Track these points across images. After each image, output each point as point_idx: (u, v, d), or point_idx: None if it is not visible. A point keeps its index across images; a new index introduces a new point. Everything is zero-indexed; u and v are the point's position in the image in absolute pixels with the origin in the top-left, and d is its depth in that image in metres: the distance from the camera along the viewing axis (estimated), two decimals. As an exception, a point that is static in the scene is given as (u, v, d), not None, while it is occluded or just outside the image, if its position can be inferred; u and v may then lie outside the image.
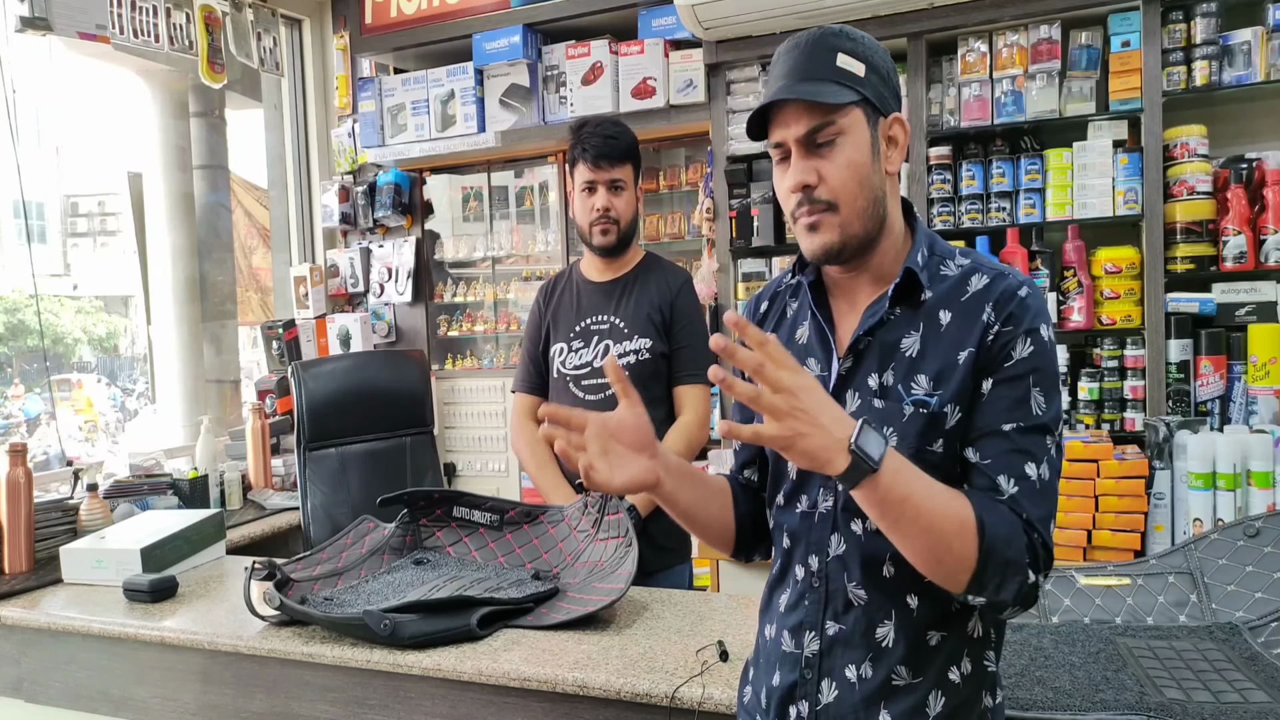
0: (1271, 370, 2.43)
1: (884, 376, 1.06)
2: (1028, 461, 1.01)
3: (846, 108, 1.04)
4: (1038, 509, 0.99)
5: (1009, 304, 1.03)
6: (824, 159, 1.05)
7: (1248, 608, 1.59)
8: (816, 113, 1.04)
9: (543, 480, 2.19)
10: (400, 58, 3.75)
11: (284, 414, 3.23)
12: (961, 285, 1.07)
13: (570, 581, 1.81)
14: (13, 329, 18.24)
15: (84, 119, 31.00)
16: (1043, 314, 1.04)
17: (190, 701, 1.78)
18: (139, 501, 2.57)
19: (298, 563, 1.82)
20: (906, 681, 1.05)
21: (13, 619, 1.94)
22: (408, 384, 2.82)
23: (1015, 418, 1.01)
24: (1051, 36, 2.64)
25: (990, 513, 0.97)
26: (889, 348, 1.07)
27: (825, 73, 1.05)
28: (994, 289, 1.05)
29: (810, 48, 1.06)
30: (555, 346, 2.22)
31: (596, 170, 2.10)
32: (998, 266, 1.08)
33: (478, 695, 1.54)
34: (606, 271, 2.22)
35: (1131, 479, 2.34)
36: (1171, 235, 2.56)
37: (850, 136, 1.05)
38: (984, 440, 1.02)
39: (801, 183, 1.06)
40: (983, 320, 1.03)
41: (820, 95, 1.03)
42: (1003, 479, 1.00)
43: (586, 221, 2.14)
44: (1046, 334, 1.04)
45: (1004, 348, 1.02)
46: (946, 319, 1.06)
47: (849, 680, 1.06)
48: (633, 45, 3.16)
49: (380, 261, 3.77)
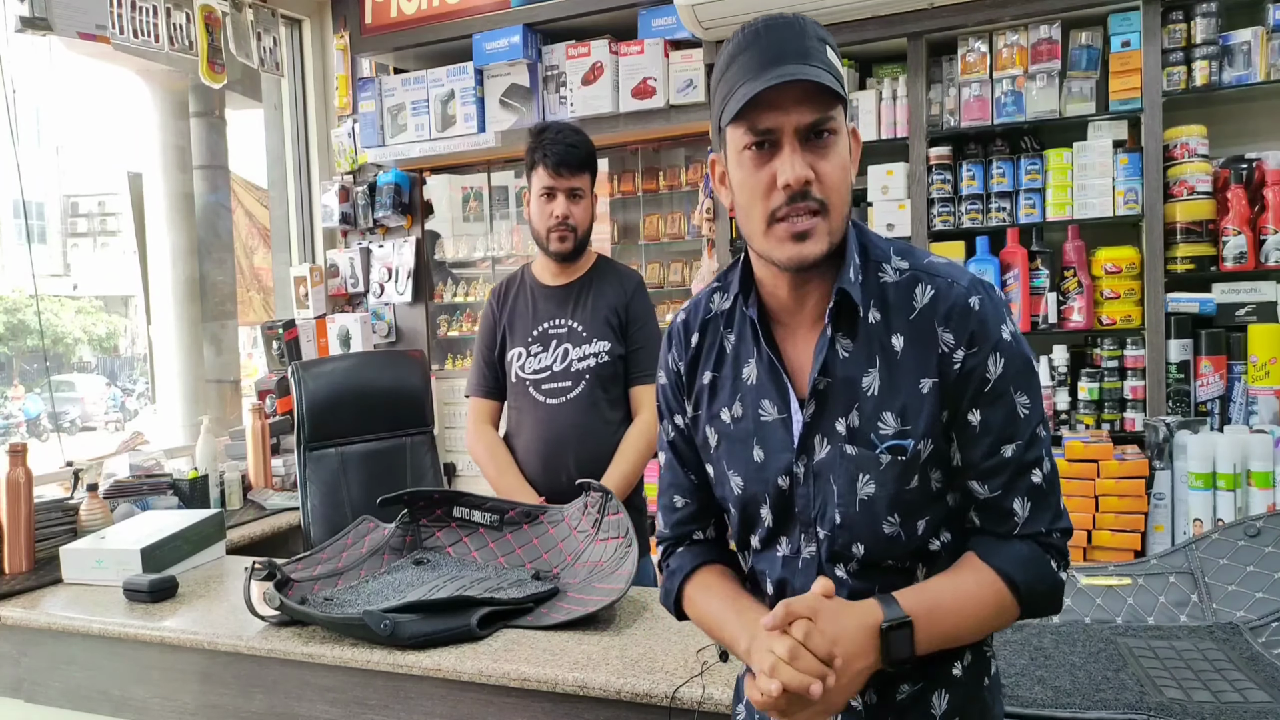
0: (1271, 370, 2.43)
1: (849, 419, 1.00)
2: (1033, 471, 1.00)
3: (839, 104, 0.97)
4: (1050, 511, 1.00)
5: (965, 322, 0.97)
6: (821, 156, 0.96)
7: (1248, 608, 1.59)
8: (819, 102, 0.95)
9: (503, 485, 2.18)
10: (400, 58, 3.75)
11: (284, 414, 3.23)
12: (907, 299, 1.00)
13: (570, 581, 1.81)
14: (13, 329, 18.26)
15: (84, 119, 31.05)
16: (999, 316, 0.99)
17: (190, 701, 1.78)
18: (139, 501, 2.57)
19: (298, 563, 1.82)
20: (909, 692, 1.03)
21: (13, 619, 1.94)
22: (408, 384, 2.81)
23: (1011, 435, 0.99)
24: (1051, 36, 2.64)
25: (1014, 565, 0.99)
26: (850, 386, 1.00)
27: (821, 60, 0.95)
28: (941, 304, 0.98)
29: (798, 32, 0.96)
30: (513, 351, 2.22)
31: (556, 177, 2.11)
32: (939, 269, 1.01)
33: (478, 695, 1.54)
34: (561, 275, 2.22)
35: (1132, 479, 2.34)
36: (1171, 235, 2.56)
37: (841, 136, 0.98)
38: (989, 473, 1.00)
39: (804, 178, 0.95)
40: (940, 349, 0.98)
41: (834, 81, 0.94)
42: (1016, 503, 1.00)
43: (544, 227, 2.14)
44: (1009, 334, 0.99)
45: (977, 374, 0.97)
46: (900, 345, 0.99)
47: (854, 708, 1.04)
48: (633, 45, 3.16)
49: (380, 261, 3.77)
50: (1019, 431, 0.99)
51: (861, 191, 2.93)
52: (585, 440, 2.14)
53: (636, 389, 2.19)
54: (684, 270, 3.52)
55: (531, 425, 2.19)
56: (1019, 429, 0.99)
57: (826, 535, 1.02)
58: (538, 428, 2.18)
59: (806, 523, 1.03)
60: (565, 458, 2.15)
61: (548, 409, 2.17)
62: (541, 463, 2.18)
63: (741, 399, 1.07)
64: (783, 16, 0.97)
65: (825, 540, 1.03)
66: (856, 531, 1.01)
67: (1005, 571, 0.98)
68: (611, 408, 2.19)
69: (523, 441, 2.21)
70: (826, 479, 1.01)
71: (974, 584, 0.98)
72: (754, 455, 1.06)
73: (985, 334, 0.97)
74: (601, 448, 2.15)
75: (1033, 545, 1.00)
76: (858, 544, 1.01)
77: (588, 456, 2.14)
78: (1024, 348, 1.00)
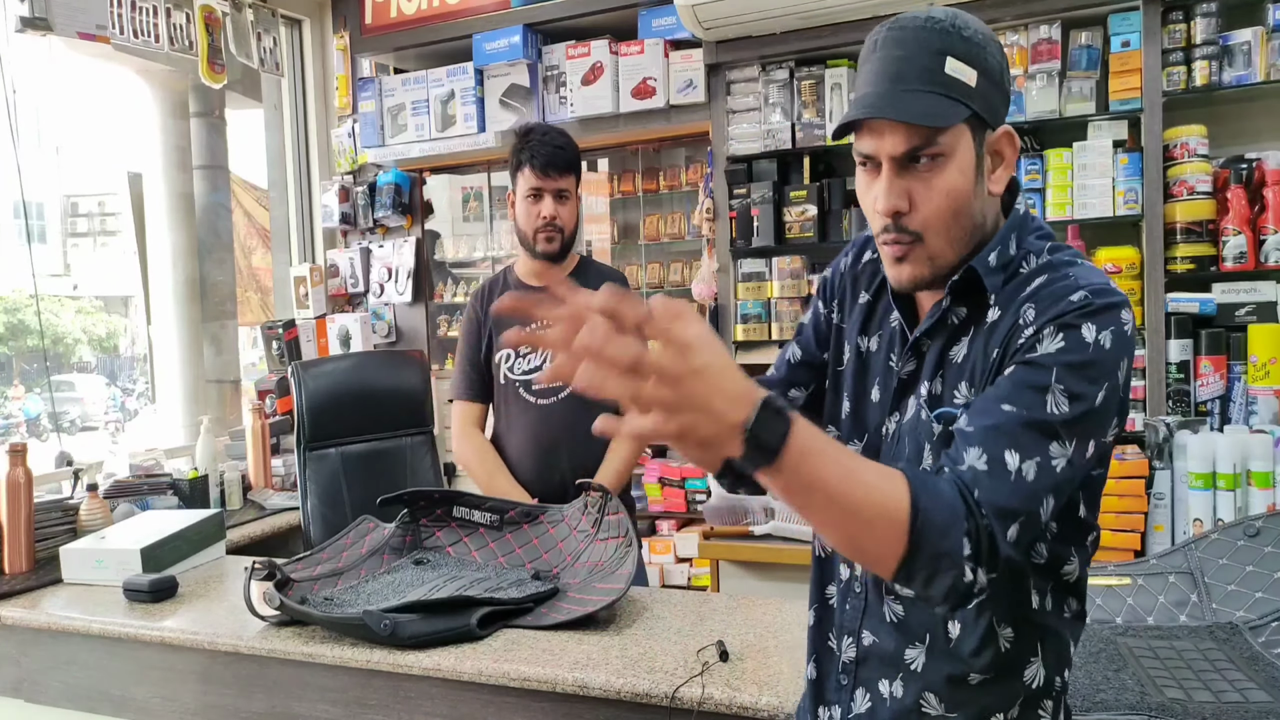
0: (1271, 370, 2.42)
1: (934, 384, 0.97)
2: (1009, 449, 0.84)
3: (953, 127, 0.90)
4: (999, 497, 0.82)
5: (1051, 305, 0.88)
6: (920, 182, 0.92)
7: (1248, 607, 1.59)
8: (918, 132, 0.90)
9: (495, 488, 2.17)
10: (400, 58, 3.75)
11: (284, 414, 3.23)
12: (1024, 284, 0.93)
13: (570, 581, 1.81)
14: (13, 329, 18.25)
15: (84, 119, 31.04)
16: (1096, 315, 0.87)
17: (190, 701, 1.78)
18: (139, 501, 2.57)
19: (298, 563, 1.82)
20: (938, 713, 0.97)
21: (13, 619, 1.94)
22: (408, 384, 2.81)
23: (1020, 403, 0.85)
24: (1051, 36, 2.64)
25: (930, 496, 0.80)
26: (943, 353, 0.98)
27: (930, 81, 0.90)
28: (1046, 289, 0.91)
29: (916, 45, 0.90)
30: (501, 352, 2.22)
31: (544, 179, 2.11)
32: (1072, 270, 0.92)
33: (478, 695, 1.54)
34: (546, 276, 2.22)
35: (1132, 479, 2.34)
36: (1171, 235, 2.55)
37: (953, 159, 0.91)
38: (976, 411, 0.88)
39: (893, 208, 0.92)
40: (1018, 323, 0.90)
41: (924, 117, 0.89)
42: (974, 451, 0.84)
43: (531, 229, 2.15)
44: (1093, 335, 0.86)
45: (1031, 337, 0.88)
46: (994, 316, 0.94)
47: (882, 695, 1.00)
48: (633, 45, 3.16)
49: (380, 261, 3.77)
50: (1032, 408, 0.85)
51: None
52: (577, 440, 2.14)
53: None
54: (684, 270, 3.52)
55: (523, 427, 2.19)
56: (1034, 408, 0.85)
57: None
58: (529, 429, 2.18)
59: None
60: (558, 458, 2.15)
61: (539, 410, 2.17)
62: (534, 464, 2.18)
63: (880, 335, 1.07)
64: (910, 23, 0.92)
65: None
66: None
67: (915, 494, 0.80)
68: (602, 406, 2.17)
69: (514, 443, 2.21)
70: (903, 443, 0.99)
71: (878, 477, 0.80)
72: (872, 394, 1.05)
73: (1063, 312, 0.87)
74: (594, 447, 2.14)
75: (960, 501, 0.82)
76: None
77: (580, 456, 2.14)
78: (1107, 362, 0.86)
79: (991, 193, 0.96)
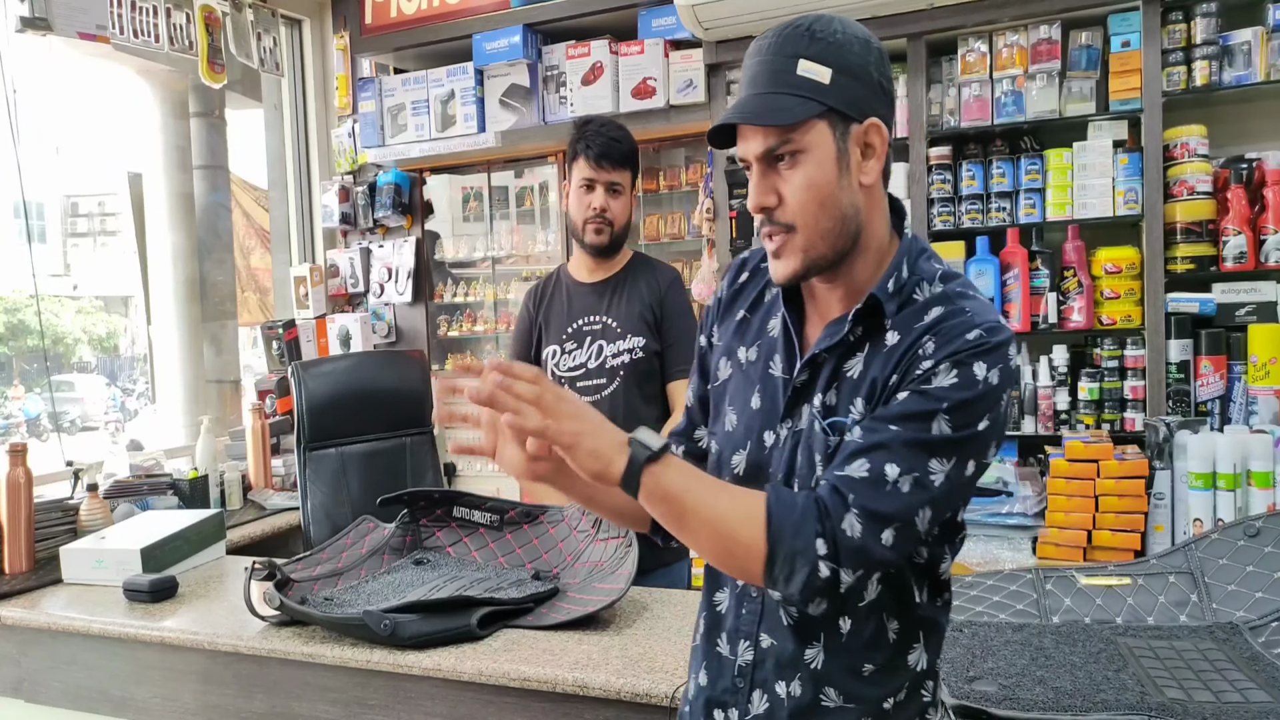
0: (1271, 370, 2.43)
1: (828, 396, 1.01)
2: (889, 462, 0.91)
3: (807, 123, 0.96)
4: (875, 504, 0.91)
5: (950, 338, 0.94)
6: (783, 178, 0.99)
7: (1248, 607, 1.59)
8: (773, 131, 0.97)
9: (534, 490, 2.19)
10: (400, 58, 3.75)
11: (284, 414, 3.23)
12: (920, 315, 0.98)
13: (570, 581, 1.81)
14: (13, 329, 18.25)
15: (84, 119, 31.03)
16: (989, 354, 0.93)
17: (190, 702, 1.78)
18: (139, 501, 2.57)
19: (298, 563, 1.82)
20: (836, 704, 1.02)
21: (13, 619, 1.94)
22: (408, 384, 2.81)
23: (908, 425, 0.92)
24: (1051, 36, 2.64)
25: (782, 502, 0.93)
26: (837, 367, 1.02)
27: (784, 84, 0.96)
28: (942, 326, 0.96)
29: (771, 54, 0.98)
30: (548, 349, 2.22)
31: (597, 170, 2.11)
32: (967, 305, 0.97)
33: (478, 695, 1.54)
34: (596, 272, 2.22)
35: (1132, 479, 2.34)
36: (1171, 235, 2.55)
37: (812, 154, 0.97)
38: (866, 428, 0.95)
39: (760, 204, 1.00)
40: (917, 353, 0.95)
41: (771, 116, 0.96)
42: (858, 462, 0.92)
43: (581, 219, 2.14)
44: (984, 373, 0.92)
45: (929, 370, 0.94)
46: (892, 340, 0.99)
47: (779, 695, 1.03)
48: (633, 45, 3.16)
49: (380, 261, 3.77)
50: (917, 432, 0.92)
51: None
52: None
53: (673, 385, 2.17)
54: (684, 270, 3.52)
55: None
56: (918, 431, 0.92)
57: None
58: None
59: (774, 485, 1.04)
60: None
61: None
62: None
63: (759, 345, 1.11)
64: (772, 33, 1.00)
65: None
66: None
67: (770, 501, 0.93)
68: (647, 404, 2.16)
69: None
70: (794, 450, 1.03)
71: (740, 491, 0.98)
72: (752, 401, 1.09)
73: (958, 350, 0.93)
74: None
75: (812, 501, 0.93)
76: None
77: None
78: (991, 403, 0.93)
79: (862, 184, 1.00)
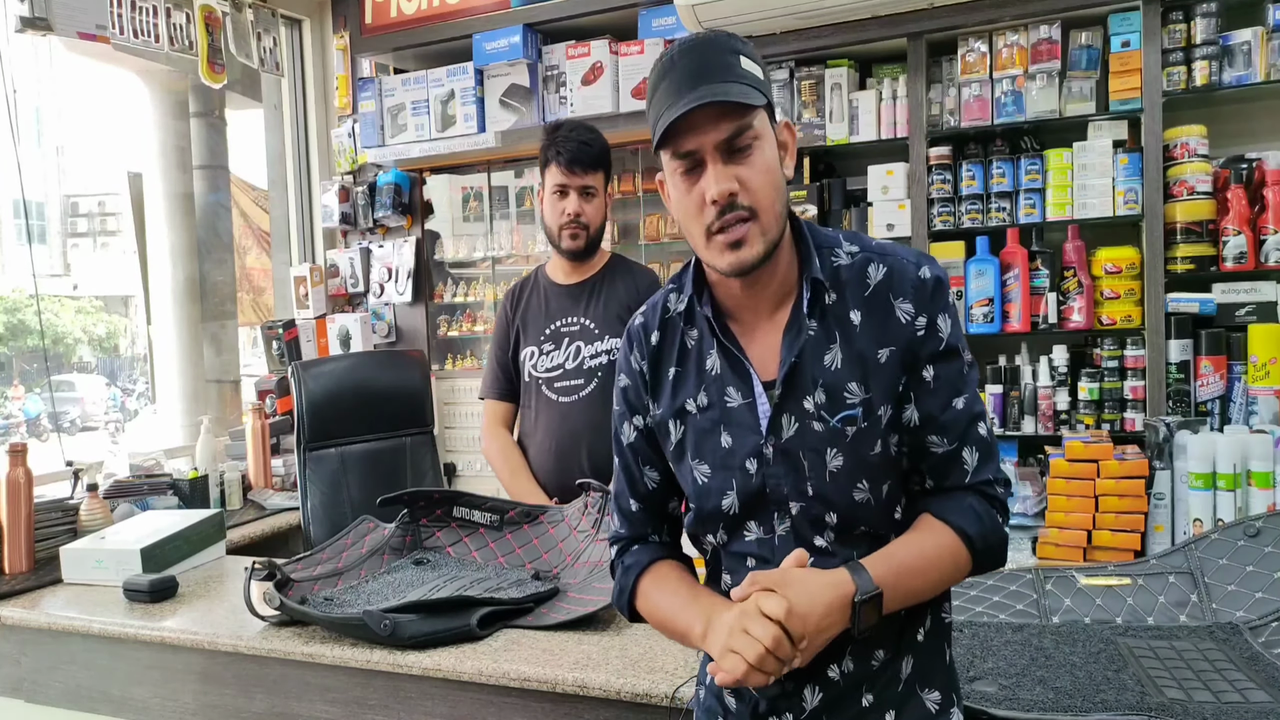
0: (1271, 370, 2.42)
1: (816, 395, 1.05)
2: (979, 423, 1.08)
3: (758, 110, 1.01)
4: (993, 460, 1.09)
5: (921, 292, 1.06)
6: (743, 165, 1.01)
7: (1248, 608, 1.59)
8: (734, 116, 1.00)
9: (516, 488, 2.19)
10: (400, 58, 3.75)
11: (284, 414, 3.23)
12: (860, 278, 1.08)
13: (570, 581, 1.81)
14: (13, 329, 18.26)
15: (84, 119, 31.04)
16: (945, 283, 1.08)
17: (190, 701, 1.78)
18: (139, 501, 2.57)
19: (298, 563, 1.82)
20: (883, 660, 1.07)
21: (13, 619, 1.94)
22: (408, 384, 2.81)
23: (959, 389, 1.07)
24: (1051, 36, 2.64)
25: (968, 519, 1.05)
26: (814, 365, 1.05)
27: (732, 74, 1.00)
28: (896, 278, 1.07)
29: (709, 51, 1.01)
30: (526, 350, 2.23)
31: (570, 175, 2.12)
32: (888, 249, 1.10)
33: (478, 695, 1.54)
34: (574, 274, 2.23)
35: (1132, 479, 2.34)
36: (1171, 235, 2.55)
37: (764, 140, 1.03)
38: (945, 426, 1.07)
39: (728, 191, 1.00)
40: (900, 320, 1.06)
41: (742, 95, 0.99)
42: (967, 453, 1.07)
43: (556, 225, 2.15)
44: (952, 299, 1.09)
45: (933, 334, 1.06)
46: (858, 319, 1.06)
47: (831, 678, 1.06)
48: (633, 45, 3.16)
49: (380, 261, 3.77)
50: (965, 385, 1.08)
51: (861, 191, 2.92)
52: (597, 438, 2.14)
53: None
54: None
55: (545, 424, 2.20)
56: (965, 383, 1.08)
57: (800, 508, 1.06)
58: (551, 426, 2.19)
59: (779, 501, 1.07)
60: (578, 456, 2.16)
61: (560, 407, 2.18)
62: (555, 461, 2.18)
63: (706, 388, 1.11)
64: (695, 38, 1.03)
65: (799, 513, 1.06)
66: (829, 501, 1.05)
67: (961, 527, 1.05)
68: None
69: (537, 440, 2.22)
70: (796, 455, 1.05)
71: (933, 544, 1.05)
72: (722, 441, 1.09)
73: (937, 299, 1.07)
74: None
75: (980, 499, 1.07)
76: (831, 513, 1.05)
77: (600, 454, 2.14)
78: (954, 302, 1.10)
79: (786, 176, 1.07)
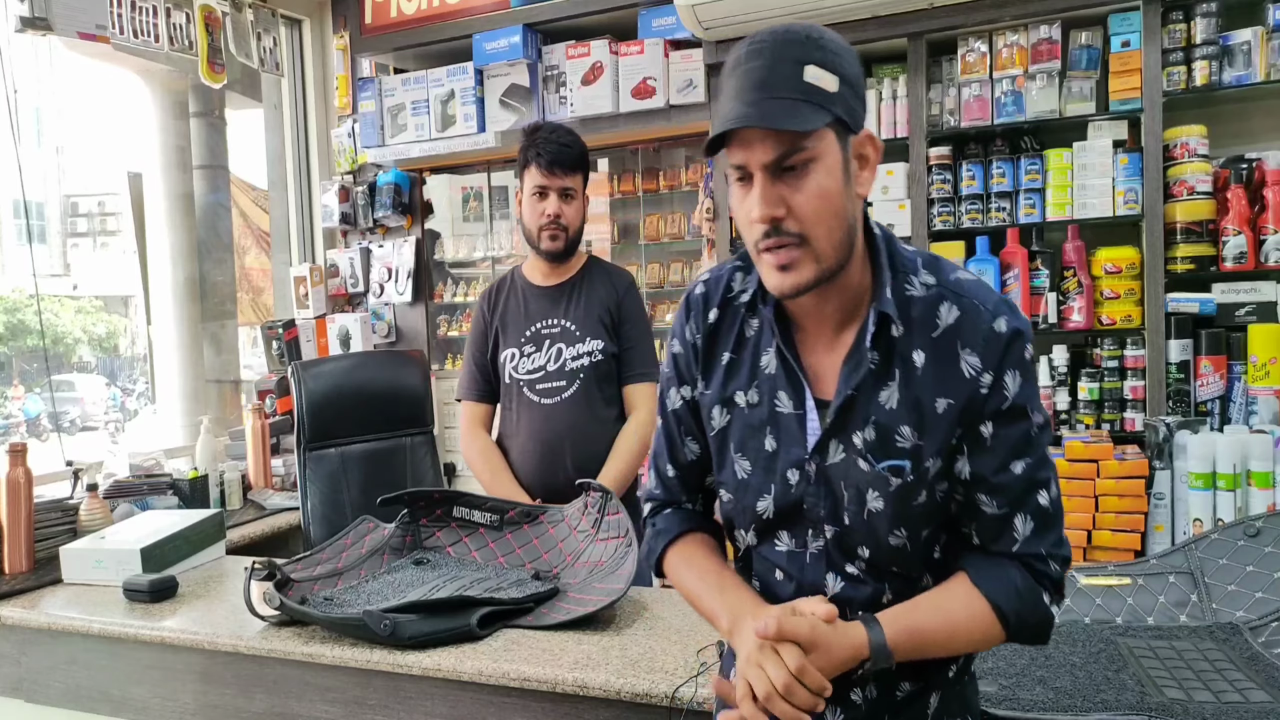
0: (1271, 370, 2.42)
1: (865, 432, 1.00)
2: (1040, 491, 1.00)
3: (819, 130, 0.93)
4: (1052, 534, 1.01)
5: (992, 346, 0.98)
6: (793, 188, 0.94)
7: (1248, 607, 1.59)
8: (785, 138, 0.92)
9: (498, 489, 2.18)
10: (400, 58, 3.75)
11: (284, 414, 3.23)
12: (931, 316, 0.99)
13: (570, 581, 1.81)
14: (13, 329, 18.26)
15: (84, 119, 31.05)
16: (1021, 334, 0.98)
17: (190, 701, 1.78)
18: (139, 501, 2.57)
19: (298, 563, 1.82)
20: (909, 691, 1.05)
21: (13, 619, 1.94)
22: (408, 384, 2.81)
23: (1023, 453, 0.99)
24: (1051, 36, 2.64)
25: (1005, 594, 1.00)
26: (868, 399, 1.00)
27: (793, 89, 0.92)
28: (966, 328, 0.98)
29: (775, 58, 0.93)
30: (506, 352, 2.23)
31: (550, 176, 2.12)
32: (966, 288, 1.00)
33: (478, 695, 1.54)
34: (552, 275, 2.23)
35: (1132, 479, 2.34)
36: (1171, 235, 2.55)
37: (822, 162, 0.94)
38: (998, 488, 1.00)
39: (769, 215, 0.94)
40: (964, 373, 0.98)
41: (789, 121, 0.91)
42: (1019, 520, 1.00)
43: (536, 226, 2.15)
44: (1028, 351, 0.99)
45: (998, 391, 0.98)
46: (921, 361, 0.99)
47: (854, 702, 1.05)
48: (633, 45, 3.16)
49: (380, 261, 3.77)
50: (1030, 449, 1.00)
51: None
52: (581, 439, 2.15)
53: (629, 387, 2.21)
54: (684, 270, 3.52)
55: (527, 426, 2.20)
56: (1030, 447, 1.00)
57: (835, 533, 1.03)
58: (533, 428, 2.18)
59: (815, 520, 1.04)
60: (561, 457, 2.16)
61: (542, 409, 2.18)
62: (538, 463, 2.18)
63: (758, 386, 1.06)
64: (769, 36, 0.95)
65: (833, 539, 1.04)
66: (862, 538, 1.02)
67: (995, 601, 1.00)
68: (606, 406, 2.20)
69: (519, 442, 2.22)
70: (837, 483, 1.02)
71: (963, 611, 1.00)
72: (765, 444, 1.06)
73: (1011, 354, 0.98)
74: (597, 446, 2.15)
75: (1026, 574, 1.01)
76: (863, 547, 1.03)
77: (584, 455, 2.14)
78: (1033, 362, 1.01)
79: (859, 194, 0.99)
